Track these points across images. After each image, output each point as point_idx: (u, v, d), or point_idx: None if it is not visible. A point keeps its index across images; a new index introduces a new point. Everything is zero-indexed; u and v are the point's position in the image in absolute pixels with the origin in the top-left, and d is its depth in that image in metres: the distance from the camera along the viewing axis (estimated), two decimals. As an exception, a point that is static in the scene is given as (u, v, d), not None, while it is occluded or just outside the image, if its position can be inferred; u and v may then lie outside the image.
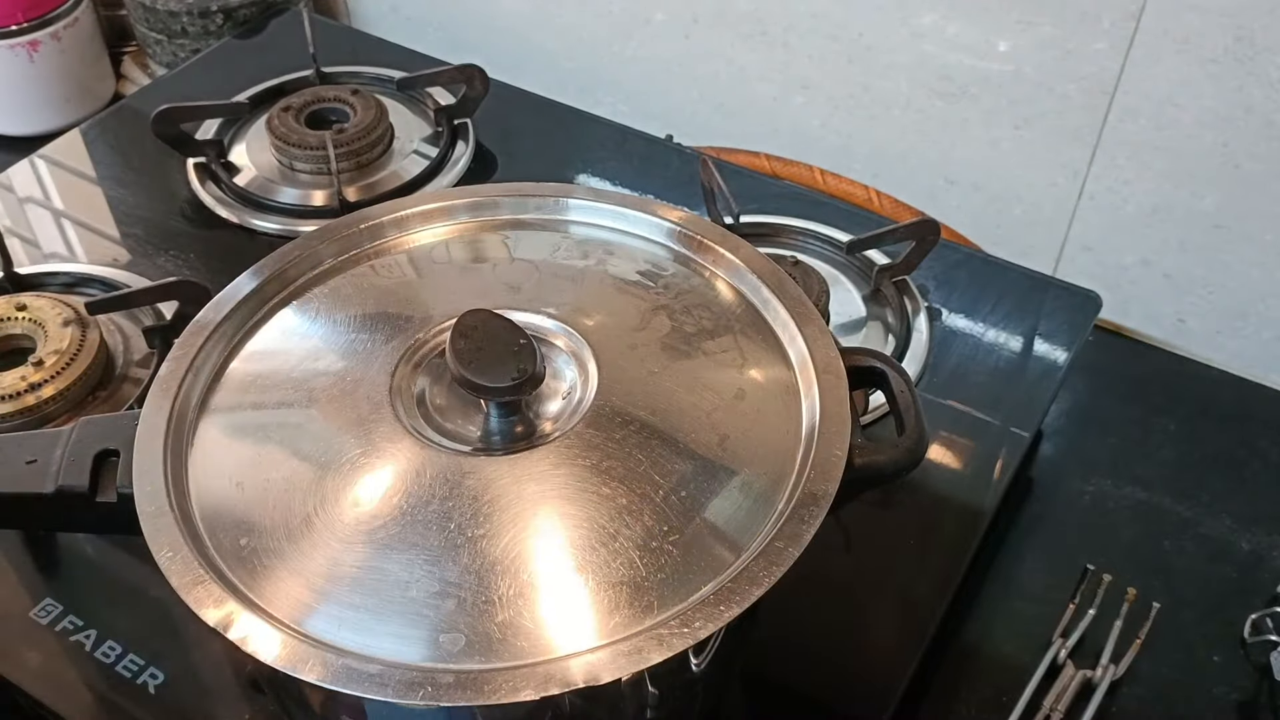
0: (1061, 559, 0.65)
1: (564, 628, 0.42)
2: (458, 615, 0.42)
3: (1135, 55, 0.78)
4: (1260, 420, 0.73)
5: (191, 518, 0.46)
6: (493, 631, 0.41)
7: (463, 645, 0.41)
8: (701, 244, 0.57)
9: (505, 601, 0.42)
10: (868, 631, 0.60)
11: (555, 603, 0.42)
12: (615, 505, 0.45)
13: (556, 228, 0.59)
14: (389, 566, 0.44)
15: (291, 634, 0.42)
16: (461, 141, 0.89)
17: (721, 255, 0.56)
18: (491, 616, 0.42)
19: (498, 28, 1.09)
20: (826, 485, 0.45)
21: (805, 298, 0.54)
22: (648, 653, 0.40)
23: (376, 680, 0.40)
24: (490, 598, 0.42)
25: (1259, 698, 0.59)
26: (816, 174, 0.92)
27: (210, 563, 0.44)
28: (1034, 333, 0.74)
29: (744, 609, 0.41)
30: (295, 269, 0.56)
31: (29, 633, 0.59)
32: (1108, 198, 0.85)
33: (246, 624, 0.42)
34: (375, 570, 0.44)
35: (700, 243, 0.57)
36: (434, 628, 0.42)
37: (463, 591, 0.43)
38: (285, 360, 0.52)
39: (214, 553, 0.44)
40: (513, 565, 0.43)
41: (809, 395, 0.50)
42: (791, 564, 0.42)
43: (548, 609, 0.42)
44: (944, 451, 0.67)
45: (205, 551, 0.44)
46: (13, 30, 0.94)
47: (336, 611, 0.42)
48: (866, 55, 0.90)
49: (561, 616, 0.42)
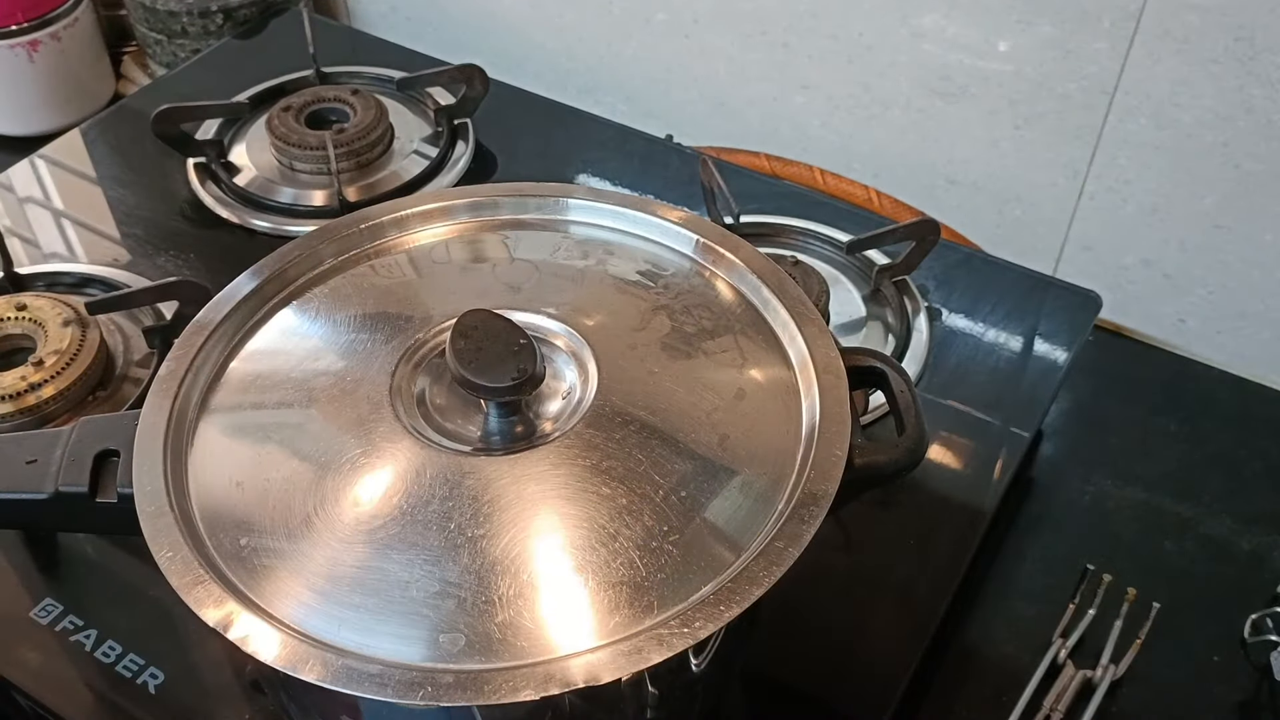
0: (1061, 559, 0.65)
1: (564, 628, 0.42)
2: (458, 615, 0.42)
3: (1135, 55, 0.78)
4: (1260, 420, 0.73)
5: (191, 518, 0.46)
6: (493, 631, 0.41)
7: (463, 645, 0.41)
8: (701, 244, 0.57)
9: (505, 601, 0.42)
10: (868, 631, 0.60)
11: (555, 603, 0.42)
12: (615, 505, 0.45)
13: (556, 228, 0.59)
14: (389, 566, 0.44)
15: (291, 634, 0.42)
16: (461, 141, 0.89)
17: (722, 255, 0.56)
18: (491, 616, 0.42)
19: (498, 28, 1.09)
20: (826, 485, 0.45)
21: (805, 297, 0.54)
22: (648, 653, 0.40)
23: (376, 680, 0.40)
24: (490, 598, 0.42)
25: (1259, 698, 0.59)
26: (816, 174, 0.92)
27: (210, 563, 0.44)
28: (1034, 333, 0.74)
29: (744, 609, 0.41)
30: (295, 269, 0.56)
31: (29, 633, 0.59)
32: (1108, 197, 0.85)
33: (246, 624, 0.42)
34: (375, 570, 0.44)
35: (700, 243, 0.57)
36: (434, 627, 0.42)
37: (463, 591, 0.43)
38: (285, 360, 0.52)
39: (214, 553, 0.44)
40: (513, 565, 0.43)
41: (809, 395, 0.50)
42: (791, 564, 0.42)
43: (548, 609, 0.42)
44: (944, 451, 0.67)
45: (205, 551, 0.44)
46: (13, 30, 0.94)
47: (336, 611, 0.42)
48: (866, 55, 0.90)
49: (561, 616, 0.42)
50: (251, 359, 0.53)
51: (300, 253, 0.56)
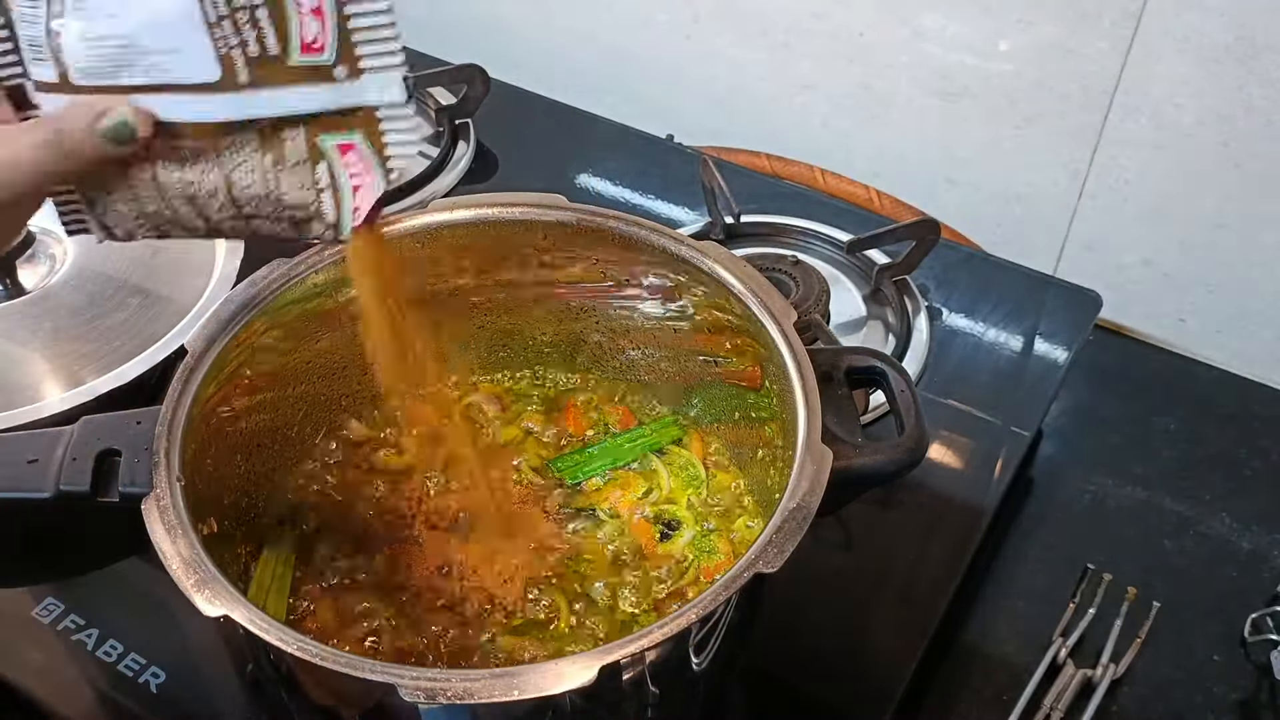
0: (1061, 558, 0.65)
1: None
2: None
3: (1136, 55, 0.78)
4: (1260, 420, 0.73)
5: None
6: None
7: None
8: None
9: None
10: (868, 631, 0.60)
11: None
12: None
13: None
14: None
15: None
16: (463, 141, 0.89)
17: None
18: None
19: (498, 28, 1.09)
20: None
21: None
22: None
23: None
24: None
25: (1259, 697, 0.59)
26: (817, 174, 0.92)
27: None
28: (1034, 332, 0.74)
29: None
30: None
31: (30, 632, 0.59)
32: (1108, 197, 0.85)
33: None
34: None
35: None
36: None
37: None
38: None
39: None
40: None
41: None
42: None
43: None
44: (944, 451, 0.67)
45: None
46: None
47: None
48: (867, 55, 0.90)
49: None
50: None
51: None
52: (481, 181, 0.87)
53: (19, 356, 0.67)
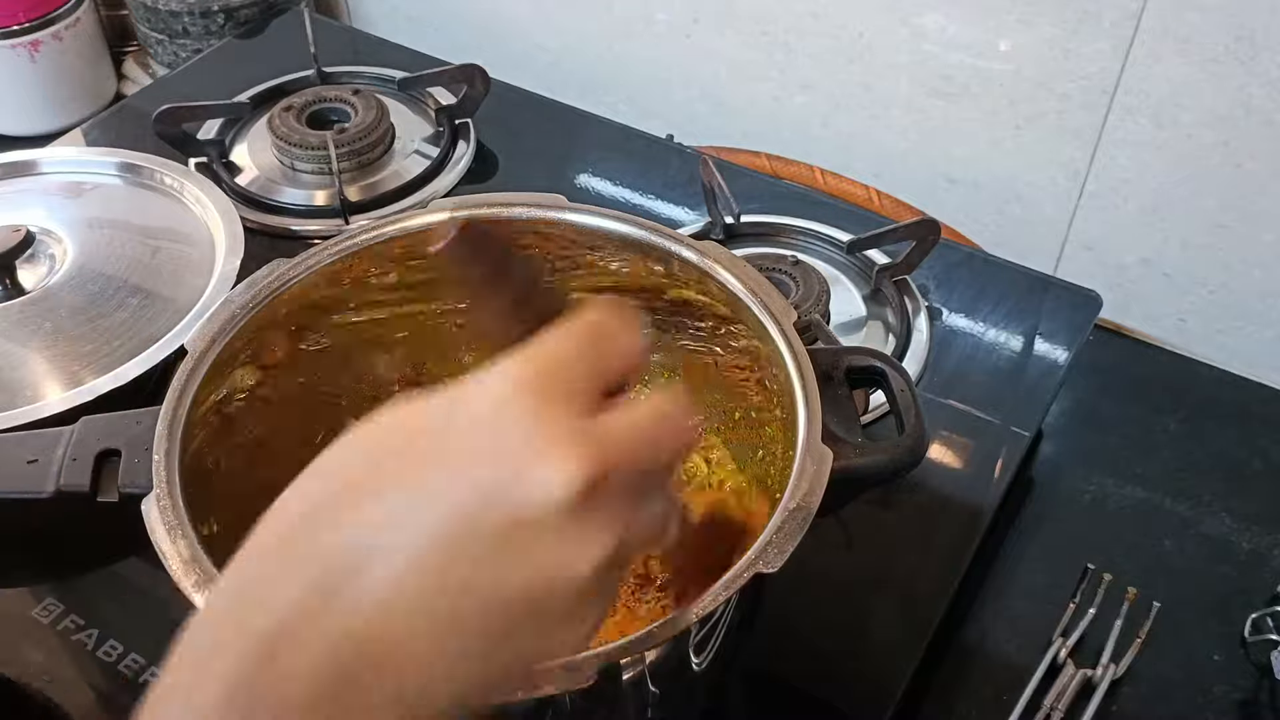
0: (1061, 559, 0.65)
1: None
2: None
3: (1135, 55, 0.78)
4: (1260, 420, 0.73)
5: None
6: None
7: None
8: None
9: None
10: (868, 631, 0.60)
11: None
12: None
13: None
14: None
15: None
16: (463, 141, 0.89)
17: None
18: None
19: (498, 28, 1.09)
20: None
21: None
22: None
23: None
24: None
25: (1259, 697, 0.59)
26: (817, 174, 0.92)
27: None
28: (1034, 332, 0.74)
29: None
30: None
31: (30, 632, 0.59)
32: (1108, 197, 0.85)
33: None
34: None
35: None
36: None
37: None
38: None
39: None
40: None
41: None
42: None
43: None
44: (944, 451, 0.67)
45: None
46: (14, 30, 0.94)
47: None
48: (867, 55, 0.90)
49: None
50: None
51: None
52: (481, 181, 0.87)
53: (19, 356, 0.67)
